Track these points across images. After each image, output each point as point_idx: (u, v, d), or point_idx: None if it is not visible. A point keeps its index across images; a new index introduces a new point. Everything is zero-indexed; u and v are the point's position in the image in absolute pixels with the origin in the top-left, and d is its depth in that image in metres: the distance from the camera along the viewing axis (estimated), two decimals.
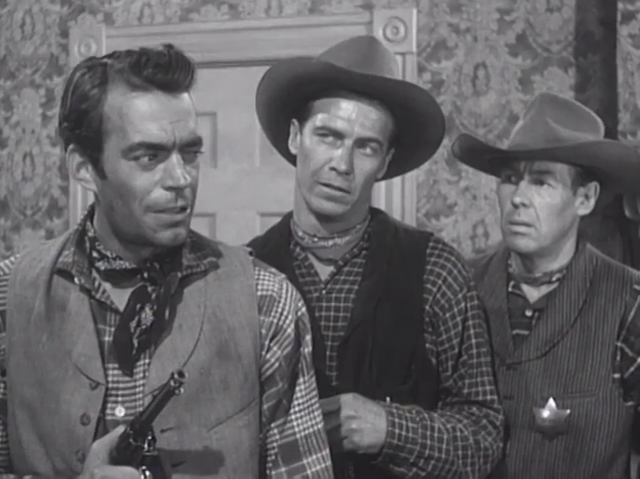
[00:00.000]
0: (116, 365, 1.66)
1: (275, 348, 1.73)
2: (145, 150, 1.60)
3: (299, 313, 1.77)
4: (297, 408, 1.76)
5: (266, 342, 1.73)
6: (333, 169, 2.03)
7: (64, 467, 1.65)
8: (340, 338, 2.06)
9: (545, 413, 2.19)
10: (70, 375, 1.65)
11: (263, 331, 1.72)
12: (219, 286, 1.72)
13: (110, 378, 1.65)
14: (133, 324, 1.65)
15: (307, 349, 1.79)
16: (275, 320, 1.73)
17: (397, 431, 1.97)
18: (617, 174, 2.26)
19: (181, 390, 1.51)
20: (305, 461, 1.75)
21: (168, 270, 1.68)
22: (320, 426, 1.78)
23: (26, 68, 4.19)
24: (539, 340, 2.23)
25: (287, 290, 1.77)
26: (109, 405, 1.65)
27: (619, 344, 2.21)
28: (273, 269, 1.80)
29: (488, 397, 2.11)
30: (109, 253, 1.68)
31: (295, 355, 1.76)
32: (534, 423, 2.19)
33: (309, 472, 1.75)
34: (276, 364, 1.73)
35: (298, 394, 1.77)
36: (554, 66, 3.54)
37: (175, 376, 1.50)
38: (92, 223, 1.72)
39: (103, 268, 1.68)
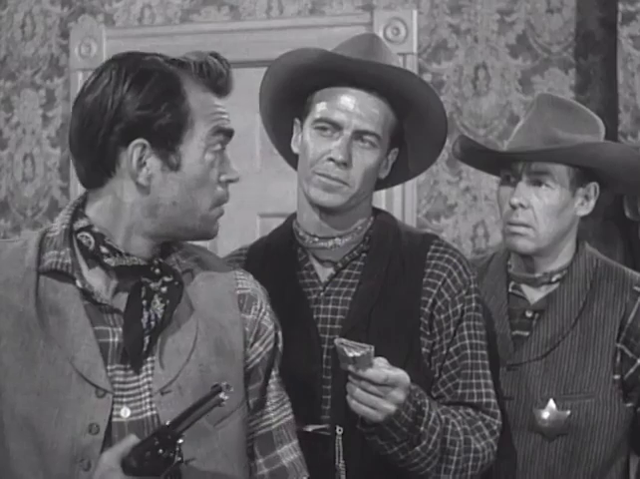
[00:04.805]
0: (120, 366, 1.65)
1: (257, 345, 1.77)
2: (222, 138, 1.69)
3: (271, 310, 1.83)
4: (273, 400, 1.81)
5: (250, 339, 1.77)
6: (330, 159, 2.03)
7: (60, 478, 1.60)
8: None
9: (545, 414, 2.19)
10: (74, 383, 1.62)
11: (247, 329, 1.76)
12: (205, 286, 1.74)
13: (114, 380, 1.64)
14: (144, 321, 1.64)
15: (280, 344, 1.83)
16: (256, 318, 1.78)
17: (402, 413, 1.94)
18: (616, 175, 2.26)
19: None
20: (279, 451, 1.80)
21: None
22: (290, 418, 1.84)
23: (26, 69, 4.19)
24: (540, 341, 2.23)
25: (261, 288, 1.83)
26: (115, 406, 1.63)
27: (619, 346, 2.20)
28: (242, 269, 1.87)
29: (484, 400, 2.08)
30: (121, 250, 1.66)
31: (273, 351, 1.80)
32: (534, 424, 2.19)
33: (285, 462, 1.80)
34: (258, 360, 1.77)
35: (272, 387, 1.81)
36: (555, 67, 3.54)
37: (224, 388, 1.54)
38: (79, 220, 1.69)
39: (113, 264, 1.65)
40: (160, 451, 1.52)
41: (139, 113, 1.62)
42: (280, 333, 1.83)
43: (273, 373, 1.82)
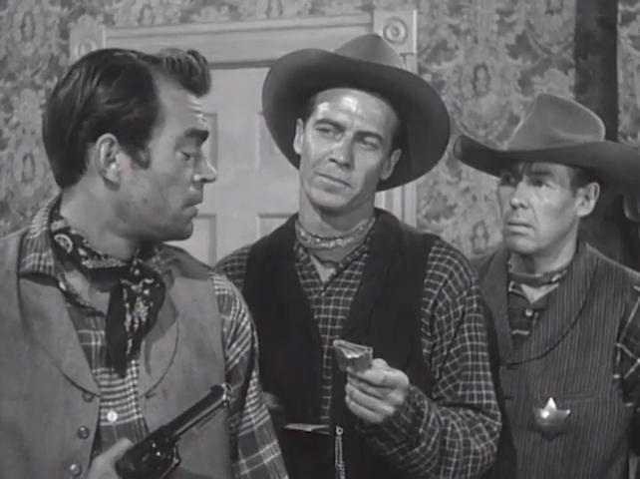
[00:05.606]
0: (105, 369, 1.63)
1: (235, 345, 1.77)
2: (197, 138, 1.66)
3: (248, 309, 1.82)
4: (252, 401, 1.80)
5: (228, 341, 1.76)
6: (332, 160, 2.03)
7: None
8: None
9: (545, 413, 2.19)
10: (61, 387, 1.59)
11: (225, 330, 1.75)
12: (184, 287, 1.73)
13: (100, 384, 1.62)
14: (127, 324, 1.62)
15: (256, 344, 1.83)
16: (235, 319, 1.77)
17: (401, 415, 1.94)
18: (617, 175, 2.26)
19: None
20: (261, 451, 1.80)
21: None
22: (268, 418, 1.83)
23: (26, 69, 4.19)
24: (539, 340, 2.23)
25: (237, 289, 1.83)
26: (102, 410, 1.61)
27: (619, 345, 2.21)
28: (215, 269, 1.89)
29: (484, 401, 2.07)
30: (99, 251, 1.64)
31: (251, 351, 1.80)
32: (534, 423, 2.19)
33: (266, 462, 1.79)
34: (237, 361, 1.77)
35: (252, 388, 1.81)
36: (554, 67, 3.54)
37: (226, 389, 1.54)
38: (55, 221, 1.66)
39: (91, 267, 1.63)
40: (158, 454, 1.51)
41: (107, 107, 1.60)
42: (256, 333, 1.83)
43: (254, 374, 1.81)
